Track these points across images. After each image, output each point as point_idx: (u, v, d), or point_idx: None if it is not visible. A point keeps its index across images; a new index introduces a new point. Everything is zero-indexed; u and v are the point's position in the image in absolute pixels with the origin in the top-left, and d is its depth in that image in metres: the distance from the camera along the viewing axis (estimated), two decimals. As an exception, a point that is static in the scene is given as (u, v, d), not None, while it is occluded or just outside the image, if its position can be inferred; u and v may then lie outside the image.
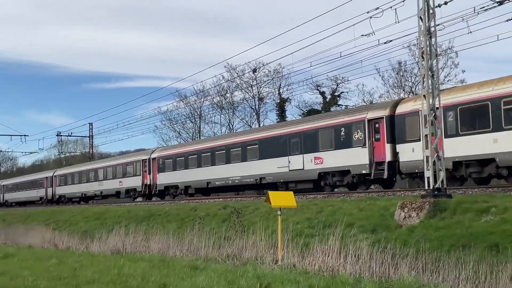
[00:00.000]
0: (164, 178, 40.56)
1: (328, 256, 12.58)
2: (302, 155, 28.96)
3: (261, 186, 32.92)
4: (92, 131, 70.43)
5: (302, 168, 28.91)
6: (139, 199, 43.68)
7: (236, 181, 33.64)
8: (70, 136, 72.40)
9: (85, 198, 53.46)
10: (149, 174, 42.27)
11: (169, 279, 11.45)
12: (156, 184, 41.31)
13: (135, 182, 43.79)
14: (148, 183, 42.08)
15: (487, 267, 10.11)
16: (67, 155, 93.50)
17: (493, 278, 9.79)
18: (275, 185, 31.07)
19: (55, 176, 59.43)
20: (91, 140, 71.58)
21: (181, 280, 11.26)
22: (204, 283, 10.51)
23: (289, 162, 29.62)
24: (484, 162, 20.96)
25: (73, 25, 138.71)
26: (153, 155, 42.35)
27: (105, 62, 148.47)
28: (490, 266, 10.18)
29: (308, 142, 28.73)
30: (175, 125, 64.89)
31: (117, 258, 16.18)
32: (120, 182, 46.09)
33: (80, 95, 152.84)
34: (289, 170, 29.55)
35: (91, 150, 72.45)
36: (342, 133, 26.90)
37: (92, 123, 70.46)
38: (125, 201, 44.20)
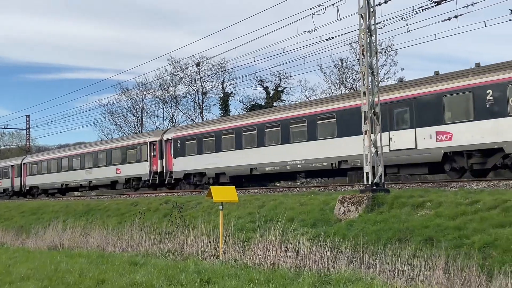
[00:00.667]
0: (184, 164, 33.45)
1: (269, 250, 12.66)
2: (413, 129, 22.02)
3: (339, 171, 26.05)
4: (29, 124, 68.35)
5: (414, 147, 21.97)
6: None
7: (299, 165, 26.37)
8: (5, 128, 70.10)
9: (65, 190, 46.07)
10: (161, 159, 35.29)
11: (108, 275, 11.25)
12: (172, 172, 34.22)
13: (140, 169, 36.50)
14: (159, 170, 35.13)
15: (422, 260, 10.42)
16: (2, 147, 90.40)
17: (427, 271, 10.11)
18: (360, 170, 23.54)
19: (24, 164, 51.10)
20: (28, 133, 69.43)
21: (120, 276, 11.09)
22: (144, 279, 10.38)
23: (390, 139, 22.47)
24: None
25: (9, 13, 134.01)
26: (166, 136, 35.06)
27: (44, 52, 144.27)
28: (424, 259, 10.49)
29: (424, 112, 21.76)
30: (116, 118, 63.74)
31: (54, 254, 15.77)
32: (117, 169, 38.80)
33: (17, 86, 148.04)
34: (390, 150, 22.32)
35: (28, 143, 70.29)
36: (490, 97, 19.80)
37: (29, 115, 68.40)
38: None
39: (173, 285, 9.92)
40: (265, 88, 56.38)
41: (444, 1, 19.65)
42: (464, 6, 20.88)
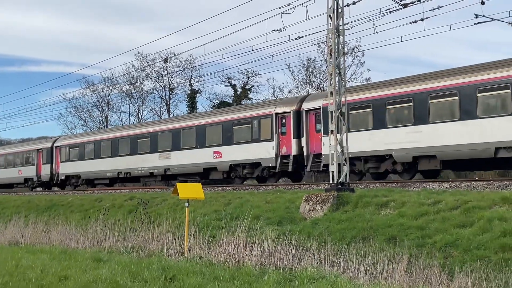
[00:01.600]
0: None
1: (234, 248, 12.66)
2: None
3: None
4: (-9, 116, 66.47)
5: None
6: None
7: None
8: (-34, 121, 68.21)
9: (123, 180, 36.25)
10: (297, 137, 26.26)
11: (70, 271, 11.08)
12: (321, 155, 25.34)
13: (257, 152, 27.57)
14: (294, 153, 26.30)
15: (385, 259, 10.58)
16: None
17: (390, 269, 10.26)
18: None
19: (56, 147, 41.64)
20: (-11, 126, 67.53)
21: (83, 272, 10.94)
22: (107, 275, 10.26)
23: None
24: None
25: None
26: (309, 105, 26.14)
27: (6, 44, 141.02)
28: (387, 257, 10.65)
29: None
30: (81, 113, 62.79)
31: (15, 250, 15.47)
32: (216, 153, 29.38)
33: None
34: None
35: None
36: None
37: (-9, 108, 66.43)
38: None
39: (137, 281, 9.84)
40: (233, 86, 56.39)
41: (411, 4, 19.94)
42: (431, 9, 21.24)
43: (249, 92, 56.13)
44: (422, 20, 21.68)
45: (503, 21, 22.89)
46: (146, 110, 60.24)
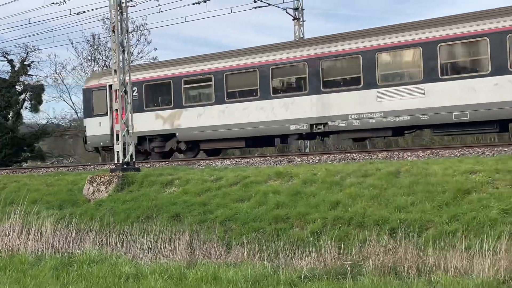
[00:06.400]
0: None
1: (8, 235, 11.79)
2: None
3: None
4: None
5: None
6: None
7: None
8: None
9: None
10: None
11: None
12: None
13: None
14: None
15: (167, 236, 10.71)
16: None
17: (172, 246, 10.43)
18: None
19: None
20: None
21: None
22: None
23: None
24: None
25: None
26: None
27: None
28: (169, 235, 10.81)
29: None
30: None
31: None
32: None
33: None
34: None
35: None
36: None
37: None
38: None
39: None
40: (10, 61, 52.03)
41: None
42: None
43: (28, 68, 52.34)
44: (205, 1, 22.19)
45: (278, 7, 24.48)
46: None
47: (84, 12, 23.58)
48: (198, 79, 21.68)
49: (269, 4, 24.11)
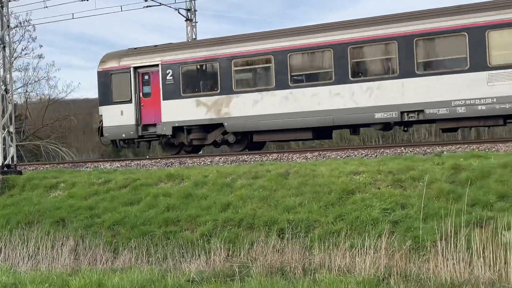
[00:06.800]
0: None
1: None
2: None
3: None
4: None
5: None
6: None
7: None
8: None
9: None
10: None
11: None
12: None
13: None
14: None
15: (49, 242, 10.22)
16: None
17: (55, 252, 9.96)
18: None
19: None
20: None
21: None
22: None
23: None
24: None
25: None
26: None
27: None
28: (52, 241, 10.31)
29: None
30: None
31: None
32: None
33: None
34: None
35: None
36: None
37: None
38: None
39: None
40: None
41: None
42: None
43: None
44: (88, -1, 21.42)
45: (170, 7, 24.14)
46: None
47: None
48: (254, 60, 18.96)
49: (160, 3, 23.73)
